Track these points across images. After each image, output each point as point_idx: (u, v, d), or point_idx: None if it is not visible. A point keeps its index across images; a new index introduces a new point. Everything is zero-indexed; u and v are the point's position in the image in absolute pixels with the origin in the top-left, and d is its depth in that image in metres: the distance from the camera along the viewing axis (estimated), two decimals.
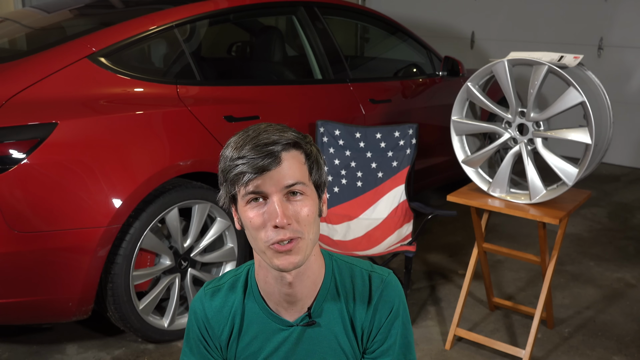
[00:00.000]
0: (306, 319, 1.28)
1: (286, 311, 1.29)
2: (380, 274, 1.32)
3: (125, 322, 2.60)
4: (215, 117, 2.82)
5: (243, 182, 1.14)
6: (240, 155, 1.14)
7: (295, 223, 1.16)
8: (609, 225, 4.27)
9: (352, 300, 1.29)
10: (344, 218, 3.21)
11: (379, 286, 1.30)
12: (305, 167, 1.19)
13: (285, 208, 1.15)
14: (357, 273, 1.32)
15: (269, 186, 1.14)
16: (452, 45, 6.07)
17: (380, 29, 4.29)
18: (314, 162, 1.21)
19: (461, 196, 2.62)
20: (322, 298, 1.28)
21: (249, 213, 1.17)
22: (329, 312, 1.29)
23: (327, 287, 1.29)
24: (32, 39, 3.09)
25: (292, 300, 1.27)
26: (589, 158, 2.35)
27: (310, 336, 1.29)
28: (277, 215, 1.14)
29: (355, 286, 1.30)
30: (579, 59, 2.39)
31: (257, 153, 1.13)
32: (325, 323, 1.29)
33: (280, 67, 3.69)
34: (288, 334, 1.29)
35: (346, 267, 1.32)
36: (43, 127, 2.34)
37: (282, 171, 1.15)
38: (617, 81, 5.44)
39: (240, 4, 3.22)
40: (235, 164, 1.15)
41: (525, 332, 2.87)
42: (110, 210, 2.42)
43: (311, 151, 1.21)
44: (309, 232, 1.18)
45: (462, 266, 3.54)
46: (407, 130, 3.21)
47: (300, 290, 1.25)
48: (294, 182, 1.16)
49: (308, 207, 1.18)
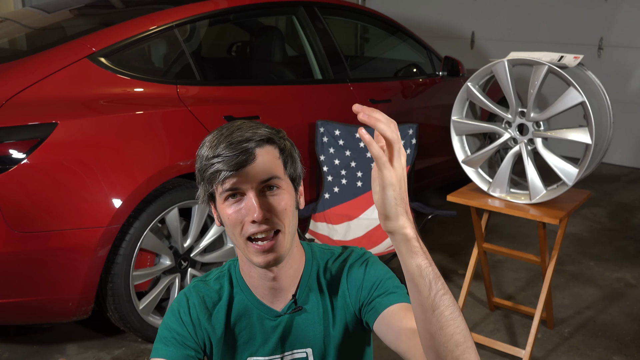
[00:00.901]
0: (292, 306, 1.31)
1: (272, 302, 1.32)
2: (349, 248, 1.38)
3: (125, 322, 2.60)
4: (215, 117, 2.81)
5: (219, 180, 1.17)
6: (216, 153, 1.16)
7: (273, 217, 1.18)
8: (609, 225, 4.27)
9: (333, 280, 1.33)
10: (344, 218, 3.21)
11: (347, 253, 1.36)
12: (279, 161, 1.22)
13: (262, 202, 1.18)
14: (335, 252, 1.37)
15: (245, 182, 1.17)
16: (452, 45, 6.06)
17: (380, 29, 4.29)
18: (288, 156, 1.24)
19: (461, 196, 2.62)
20: (305, 283, 1.32)
21: (227, 210, 1.19)
22: (314, 296, 1.32)
23: (308, 272, 1.33)
24: (32, 39, 3.09)
25: (276, 291, 1.30)
26: (589, 158, 2.35)
27: (298, 323, 1.32)
28: (254, 210, 1.16)
29: (336, 264, 1.35)
30: (579, 59, 2.39)
31: (231, 151, 1.15)
32: (311, 308, 1.32)
33: (280, 67, 3.68)
34: (277, 323, 1.32)
35: (323, 252, 1.37)
36: (43, 127, 2.34)
37: (257, 167, 1.17)
38: (617, 81, 5.44)
39: (240, 4, 3.23)
40: (211, 163, 1.17)
41: (525, 332, 2.87)
42: (110, 210, 2.42)
43: (285, 145, 1.24)
44: (288, 224, 1.21)
45: (462, 266, 3.54)
46: (407, 130, 3.21)
47: (284, 280, 1.29)
48: (270, 177, 1.18)
49: (285, 201, 1.20)
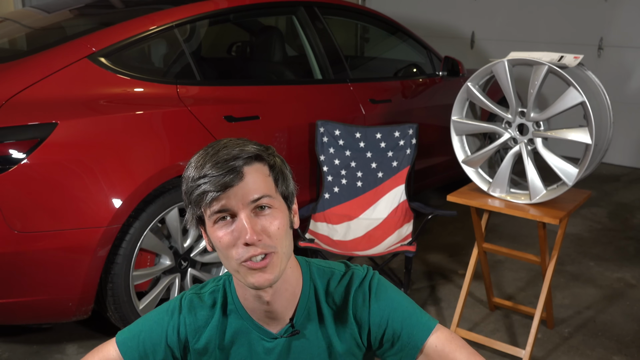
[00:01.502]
0: (290, 329, 1.26)
1: (268, 324, 1.27)
2: (350, 269, 1.30)
3: (125, 322, 2.60)
4: (215, 117, 2.82)
5: (207, 202, 1.11)
6: (202, 174, 1.11)
7: (266, 238, 1.12)
8: (609, 225, 4.27)
9: (338, 307, 1.27)
10: (344, 218, 3.21)
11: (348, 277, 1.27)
12: (270, 179, 1.16)
13: (254, 224, 1.12)
14: (336, 272, 1.29)
15: (234, 203, 1.11)
16: (452, 45, 6.07)
17: (380, 29, 4.28)
18: (278, 173, 1.18)
19: (461, 196, 2.62)
20: (303, 307, 1.26)
21: (218, 233, 1.13)
22: (314, 324, 1.27)
23: (306, 296, 1.26)
24: (32, 39, 3.09)
25: (273, 316, 1.25)
26: (589, 158, 2.35)
27: (296, 347, 1.27)
28: (246, 232, 1.10)
29: (338, 290, 1.27)
30: (579, 59, 2.39)
31: (218, 170, 1.10)
32: (310, 334, 1.26)
33: (280, 67, 3.68)
34: (273, 346, 1.27)
35: (323, 272, 1.29)
36: (43, 127, 2.34)
37: (246, 186, 1.11)
38: (617, 81, 5.44)
39: (240, 4, 3.23)
40: (197, 184, 1.11)
41: (525, 332, 2.87)
42: (110, 210, 2.42)
43: (275, 162, 1.18)
44: (282, 245, 1.15)
45: (462, 266, 3.54)
46: (407, 130, 3.21)
47: (280, 305, 1.23)
48: (260, 196, 1.12)
49: (278, 220, 1.14)
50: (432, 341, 1.21)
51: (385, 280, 1.30)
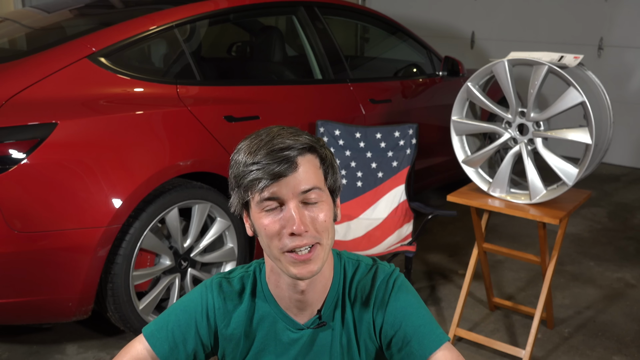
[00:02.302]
0: (317, 321, 1.27)
1: (295, 314, 1.27)
2: (377, 262, 1.31)
3: (125, 322, 2.60)
4: (215, 117, 2.82)
5: (258, 189, 1.11)
6: (255, 160, 1.11)
7: (312, 229, 1.14)
8: (609, 225, 4.27)
9: (360, 298, 1.28)
10: (344, 218, 3.21)
11: (374, 270, 1.29)
12: (320, 171, 1.17)
13: (302, 215, 1.13)
14: (362, 263, 1.31)
15: (285, 192, 1.12)
16: (452, 45, 6.06)
17: (380, 29, 4.29)
18: (329, 166, 1.19)
19: (461, 196, 2.62)
20: (331, 299, 1.27)
21: (264, 220, 1.14)
22: (339, 313, 1.28)
23: (336, 288, 1.27)
24: (32, 39, 3.09)
25: (303, 305, 1.26)
26: (589, 158, 2.35)
27: (321, 338, 1.28)
28: (294, 223, 1.11)
29: (362, 282, 1.29)
30: (579, 59, 2.39)
31: (272, 158, 1.10)
32: (335, 324, 1.28)
33: (280, 67, 3.68)
34: (299, 337, 1.27)
35: (350, 263, 1.31)
36: (43, 127, 2.34)
37: (298, 176, 1.12)
38: (617, 81, 5.44)
39: (240, 4, 3.23)
40: (249, 170, 1.11)
41: (525, 332, 2.87)
42: (110, 210, 2.41)
43: (326, 155, 1.19)
44: (327, 237, 1.16)
45: (462, 266, 3.54)
46: (407, 130, 3.21)
47: (312, 295, 1.24)
48: (311, 188, 1.13)
49: (324, 213, 1.15)
50: (439, 357, 1.20)
51: (409, 283, 1.30)
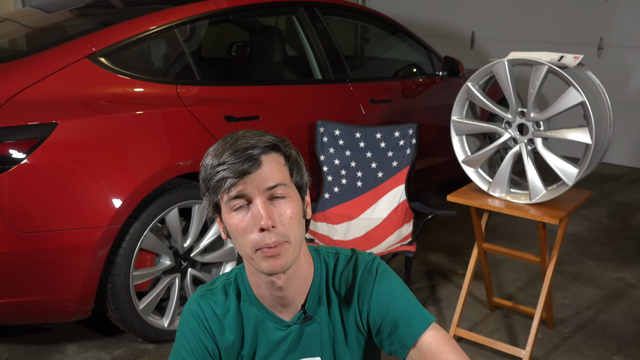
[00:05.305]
0: (302, 316, 1.29)
1: (280, 312, 1.30)
2: (355, 252, 1.34)
3: (125, 322, 2.60)
4: (215, 117, 2.82)
5: (225, 188, 1.16)
6: (220, 161, 1.15)
7: (280, 226, 1.17)
8: (609, 225, 4.27)
9: (343, 290, 1.31)
10: (344, 218, 3.21)
11: (354, 260, 1.32)
12: (285, 169, 1.21)
13: (269, 210, 1.16)
14: (341, 255, 1.34)
15: (251, 189, 1.16)
16: (452, 45, 6.07)
17: (380, 29, 4.28)
18: (294, 163, 1.23)
19: (461, 196, 2.62)
20: (314, 294, 1.30)
21: (234, 219, 1.18)
22: (324, 307, 1.31)
23: (317, 282, 1.30)
24: (32, 39, 3.09)
25: (285, 302, 1.28)
26: (589, 158, 2.35)
27: (308, 332, 1.31)
28: (261, 218, 1.15)
29: (344, 273, 1.31)
30: (579, 59, 2.39)
31: (237, 157, 1.15)
32: (320, 318, 1.30)
33: (280, 67, 3.68)
34: (286, 334, 1.30)
35: (329, 256, 1.34)
36: (43, 127, 2.34)
37: (262, 173, 1.16)
38: (617, 81, 5.44)
39: (240, 4, 3.22)
40: (216, 171, 1.16)
41: (525, 332, 2.87)
42: (110, 210, 2.41)
43: (290, 153, 1.23)
44: (295, 234, 1.19)
45: (462, 266, 3.54)
46: (407, 130, 3.21)
47: (292, 291, 1.27)
48: (276, 184, 1.17)
49: (291, 209, 1.19)
50: (428, 337, 1.23)
51: (390, 268, 1.34)
